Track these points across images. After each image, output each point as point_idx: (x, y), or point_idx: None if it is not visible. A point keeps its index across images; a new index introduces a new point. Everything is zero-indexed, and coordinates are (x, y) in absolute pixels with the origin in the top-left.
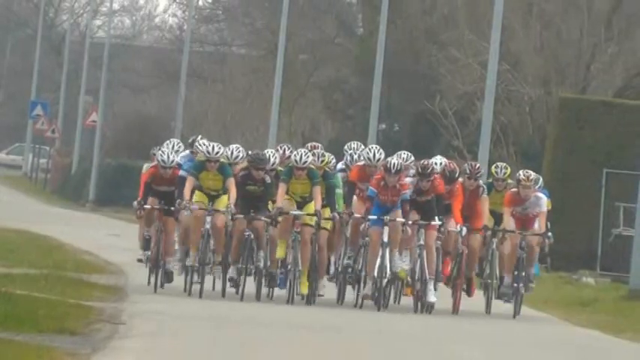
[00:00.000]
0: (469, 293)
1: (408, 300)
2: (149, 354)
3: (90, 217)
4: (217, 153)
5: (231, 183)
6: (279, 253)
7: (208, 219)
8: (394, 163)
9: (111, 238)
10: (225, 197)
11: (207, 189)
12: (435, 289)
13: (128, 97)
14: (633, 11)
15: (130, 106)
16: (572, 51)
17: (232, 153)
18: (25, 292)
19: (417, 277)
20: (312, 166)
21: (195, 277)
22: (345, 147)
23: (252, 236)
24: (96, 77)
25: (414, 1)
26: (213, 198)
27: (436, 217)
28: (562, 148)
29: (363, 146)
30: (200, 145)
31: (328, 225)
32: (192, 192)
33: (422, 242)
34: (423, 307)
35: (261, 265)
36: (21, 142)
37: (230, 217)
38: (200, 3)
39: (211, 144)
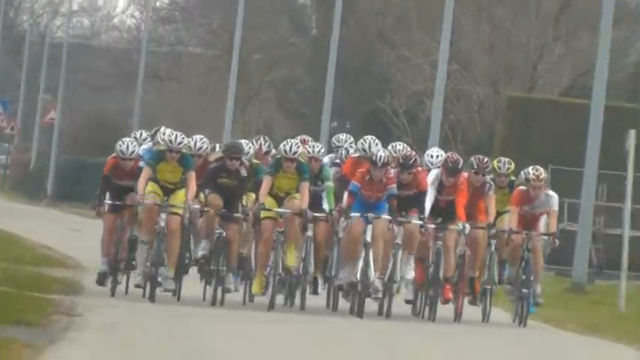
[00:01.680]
0: (473, 296)
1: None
2: (105, 345)
3: (48, 212)
4: (180, 143)
5: (192, 177)
6: (256, 286)
7: (163, 216)
8: (380, 156)
9: (69, 233)
10: (182, 192)
11: (163, 181)
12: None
13: (87, 95)
14: (580, 12)
15: (88, 104)
16: (520, 51)
17: (196, 144)
18: None
19: (360, 277)
20: (302, 160)
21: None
22: (333, 139)
23: (224, 234)
24: (55, 76)
25: (366, 2)
26: (169, 192)
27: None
28: (510, 145)
29: (351, 137)
30: (162, 134)
31: (276, 216)
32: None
33: (398, 241)
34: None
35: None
36: None
37: (188, 215)
38: (157, 4)
39: (174, 133)
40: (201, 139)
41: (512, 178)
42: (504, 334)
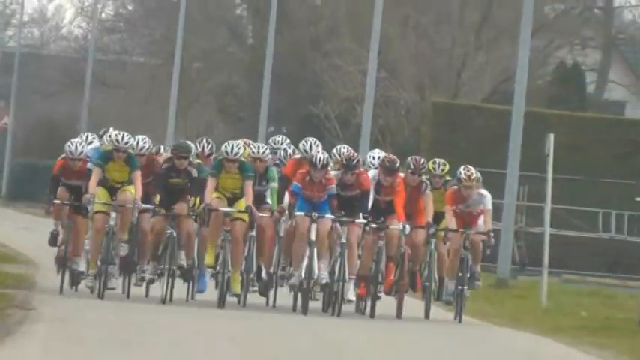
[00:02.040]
0: (414, 288)
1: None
2: (57, 337)
3: (2, 211)
4: (126, 143)
5: (137, 177)
6: (208, 259)
7: (113, 215)
8: (319, 158)
9: (22, 231)
10: (130, 187)
11: (112, 181)
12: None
13: (38, 101)
14: (501, 23)
15: (39, 110)
16: (444, 59)
17: (138, 143)
18: None
19: (335, 278)
20: (243, 159)
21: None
22: (270, 141)
23: (175, 234)
24: (8, 84)
25: (300, 13)
26: (116, 191)
27: (360, 215)
28: (436, 148)
29: (288, 139)
30: (109, 135)
31: (245, 217)
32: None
33: (344, 240)
34: (338, 306)
35: (184, 264)
36: None
37: (136, 213)
38: (103, 15)
39: (121, 133)
40: (144, 139)
41: (448, 178)
42: (440, 329)
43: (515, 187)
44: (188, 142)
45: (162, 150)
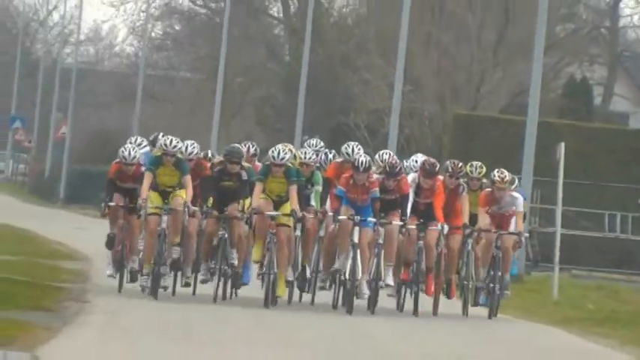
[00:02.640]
0: (448, 295)
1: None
2: (110, 327)
3: (60, 213)
4: (174, 147)
5: (188, 180)
6: (256, 255)
7: (164, 218)
8: (362, 161)
9: (77, 230)
10: (182, 191)
11: (162, 185)
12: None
13: (92, 114)
14: (515, 41)
15: (93, 121)
16: (464, 75)
17: (187, 148)
18: (7, 276)
19: (371, 277)
20: (290, 164)
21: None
22: (304, 144)
23: (227, 235)
24: (65, 97)
25: (332, 32)
26: (168, 195)
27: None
28: (456, 156)
29: (322, 143)
30: (159, 140)
31: (289, 222)
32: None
33: (380, 241)
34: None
35: (235, 263)
36: (2, 150)
37: (187, 217)
38: (153, 34)
39: (169, 137)
40: (192, 145)
41: (484, 181)
42: (475, 324)
43: (529, 191)
44: (240, 145)
45: (209, 154)
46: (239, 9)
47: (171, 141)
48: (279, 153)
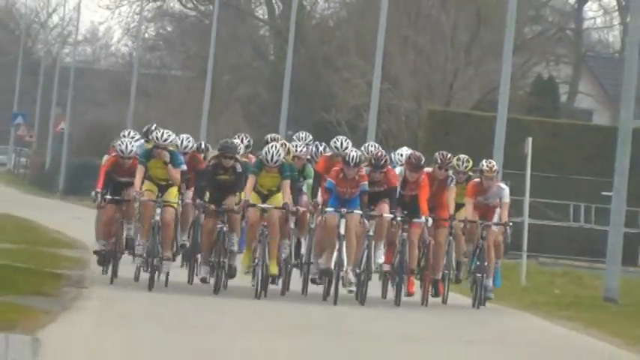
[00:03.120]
0: (436, 293)
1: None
2: (106, 312)
3: (59, 203)
4: (166, 140)
5: (176, 172)
6: (244, 260)
7: (158, 210)
8: (353, 156)
9: (75, 220)
10: (175, 189)
11: (155, 178)
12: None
13: (89, 109)
14: (486, 42)
15: (90, 117)
16: (438, 73)
17: (182, 142)
18: (8, 262)
19: (362, 268)
20: (284, 161)
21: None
22: (294, 137)
23: (225, 229)
24: (64, 94)
25: (314, 33)
26: (162, 188)
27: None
28: (431, 150)
29: (310, 136)
30: (151, 132)
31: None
32: (143, 182)
33: (371, 233)
34: (362, 296)
35: (235, 249)
36: (5, 144)
37: (180, 208)
38: (146, 35)
39: (161, 130)
40: (187, 139)
41: (470, 174)
42: (463, 315)
43: None
44: (235, 140)
45: (202, 145)
46: (227, 11)
47: (162, 134)
48: (272, 156)
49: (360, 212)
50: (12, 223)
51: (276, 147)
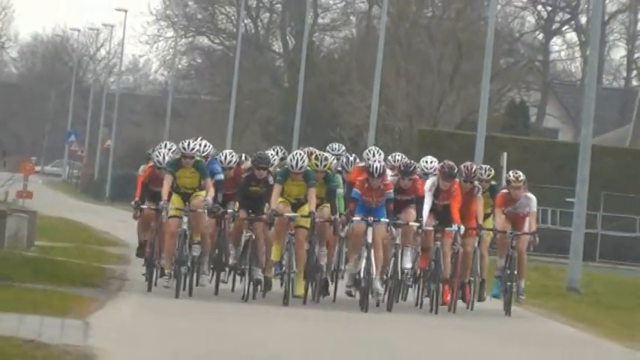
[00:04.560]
0: (463, 299)
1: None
2: (146, 300)
3: (106, 209)
4: (192, 149)
5: (209, 183)
6: (274, 255)
7: (185, 219)
8: (376, 167)
9: (119, 223)
10: (201, 192)
11: (182, 187)
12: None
13: (131, 129)
14: (468, 72)
15: (132, 135)
16: (426, 98)
17: (226, 157)
18: (64, 258)
19: (389, 275)
20: (308, 168)
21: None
22: (327, 148)
23: (254, 237)
24: (110, 116)
25: (322, 64)
26: (188, 197)
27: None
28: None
29: (343, 147)
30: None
31: (307, 223)
32: (171, 193)
33: (398, 242)
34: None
35: (263, 259)
36: (60, 158)
37: (206, 213)
38: (179, 66)
39: (187, 140)
40: (230, 153)
41: (493, 182)
42: (491, 321)
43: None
44: (268, 152)
45: (243, 157)
46: (248, 46)
47: (189, 143)
48: (297, 162)
49: (386, 220)
50: (66, 225)
51: (300, 154)
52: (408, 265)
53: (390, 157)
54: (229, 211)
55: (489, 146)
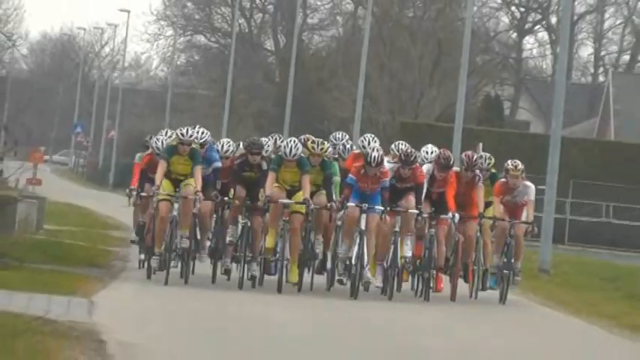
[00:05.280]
0: (466, 279)
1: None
2: (147, 281)
3: (110, 195)
4: (190, 136)
5: (198, 170)
6: (269, 242)
7: (176, 206)
8: (374, 157)
9: (122, 208)
10: (192, 180)
11: (175, 173)
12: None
13: (134, 121)
14: (446, 68)
15: (134, 127)
16: (408, 93)
17: (223, 146)
18: (70, 241)
19: (388, 264)
20: (302, 155)
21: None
22: (330, 137)
23: (249, 224)
24: (113, 109)
25: (311, 61)
26: (179, 183)
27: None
28: None
29: (347, 135)
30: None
31: (302, 209)
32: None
33: (397, 229)
34: (390, 290)
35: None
36: (67, 148)
37: (198, 205)
38: (178, 63)
39: (186, 127)
40: (228, 143)
41: (493, 171)
42: (488, 309)
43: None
44: (263, 139)
45: (241, 145)
46: (242, 44)
47: (187, 130)
48: (290, 150)
49: (381, 208)
50: (73, 210)
51: (294, 141)
52: (409, 253)
53: (393, 146)
54: (225, 198)
55: (466, 137)
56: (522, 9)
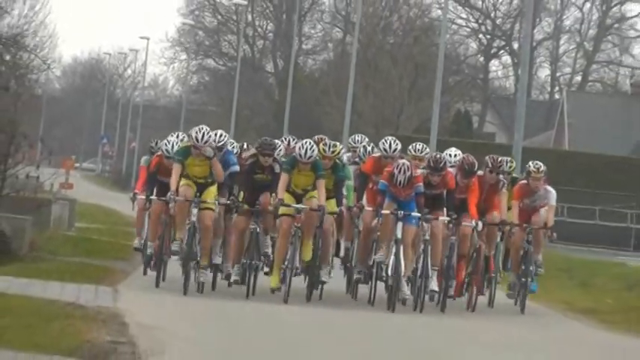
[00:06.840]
0: (487, 270)
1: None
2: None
3: None
4: (206, 142)
5: (215, 162)
6: (273, 280)
7: (194, 211)
8: (400, 180)
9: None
10: (213, 188)
11: (193, 176)
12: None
13: (152, 134)
14: (423, 87)
15: (153, 138)
16: (389, 108)
17: (217, 138)
18: (97, 237)
19: (419, 273)
20: (317, 158)
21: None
22: (350, 140)
23: (258, 230)
24: (135, 123)
25: (306, 82)
26: (200, 187)
27: (445, 212)
28: None
29: (366, 138)
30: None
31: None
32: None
33: (427, 237)
34: (398, 301)
35: (270, 251)
36: (95, 157)
37: (217, 212)
38: (191, 83)
39: (202, 131)
40: (221, 134)
41: (515, 175)
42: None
43: None
44: (276, 140)
45: (245, 146)
46: (246, 67)
47: (202, 135)
48: (306, 151)
49: (417, 215)
50: (100, 210)
51: (310, 143)
52: (435, 287)
53: (410, 147)
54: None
55: (440, 148)
56: (489, 36)
